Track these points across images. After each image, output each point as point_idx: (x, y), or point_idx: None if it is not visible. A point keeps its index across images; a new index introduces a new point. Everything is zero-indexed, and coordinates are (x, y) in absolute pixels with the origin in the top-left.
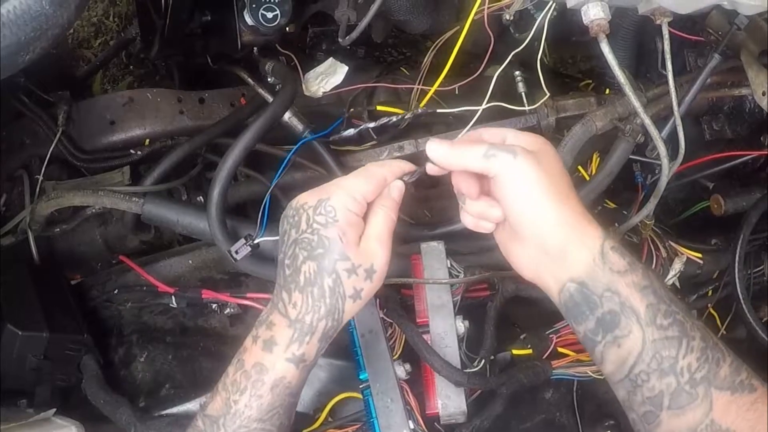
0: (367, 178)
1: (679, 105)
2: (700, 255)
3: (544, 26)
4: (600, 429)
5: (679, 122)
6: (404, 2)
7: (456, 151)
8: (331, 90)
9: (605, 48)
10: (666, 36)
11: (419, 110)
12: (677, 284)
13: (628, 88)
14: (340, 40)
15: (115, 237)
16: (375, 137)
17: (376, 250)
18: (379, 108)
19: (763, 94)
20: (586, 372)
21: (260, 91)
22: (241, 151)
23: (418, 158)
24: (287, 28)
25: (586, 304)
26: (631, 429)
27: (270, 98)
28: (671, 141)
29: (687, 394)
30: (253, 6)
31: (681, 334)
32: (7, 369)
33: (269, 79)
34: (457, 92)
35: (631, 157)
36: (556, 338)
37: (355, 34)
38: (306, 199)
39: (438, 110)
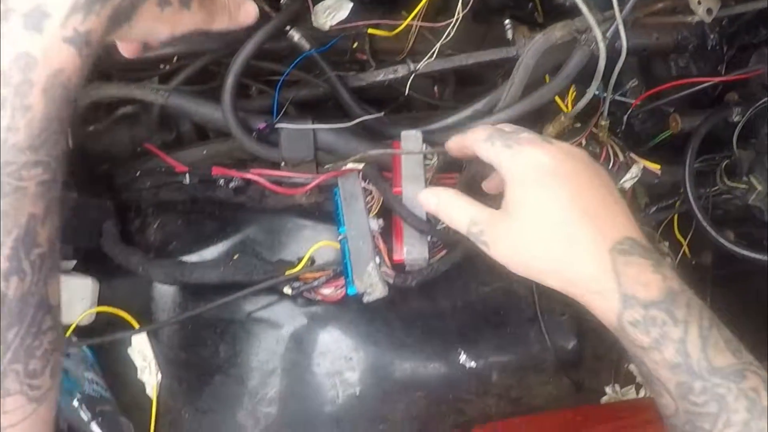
0: None
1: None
2: (658, 166)
3: None
4: (556, 316)
5: (619, 20)
6: None
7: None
8: (337, 24)
9: None
10: None
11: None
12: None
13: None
14: None
15: (141, 139)
16: (373, 64)
17: None
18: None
19: (699, 2)
20: None
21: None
22: (252, 47)
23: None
24: None
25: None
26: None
27: None
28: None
29: None
30: None
31: (719, 410)
32: None
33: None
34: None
35: None
36: None
37: None
38: None
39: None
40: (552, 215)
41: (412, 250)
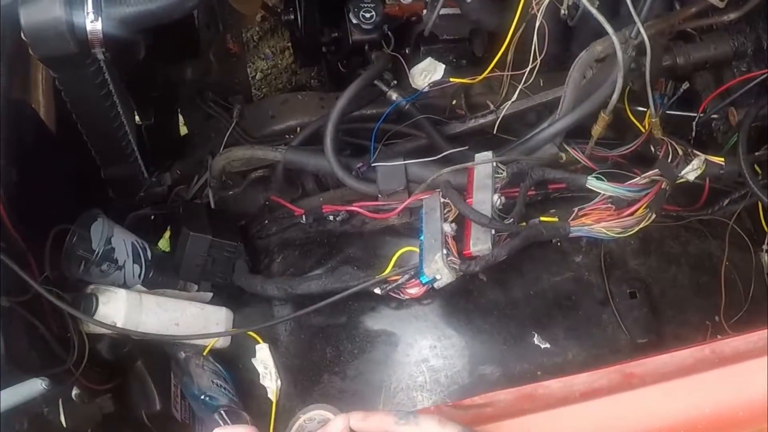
0: None
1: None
2: (722, 159)
3: None
4: (626, 287)
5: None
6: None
7: None
8: (433, 84)
9: None
10: None
11: None
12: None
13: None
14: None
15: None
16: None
17: None
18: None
19: None
20: (601, 230)
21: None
22: (345, 101)
23: None
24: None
25: None
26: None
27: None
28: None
29: None
30: (356, 9)
31: None
32: (185, 263)
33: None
34: (542, 84)
35: None
36: (579, 210)
37: (430, 24)
38: None
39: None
40: None
41: (477, 242)
